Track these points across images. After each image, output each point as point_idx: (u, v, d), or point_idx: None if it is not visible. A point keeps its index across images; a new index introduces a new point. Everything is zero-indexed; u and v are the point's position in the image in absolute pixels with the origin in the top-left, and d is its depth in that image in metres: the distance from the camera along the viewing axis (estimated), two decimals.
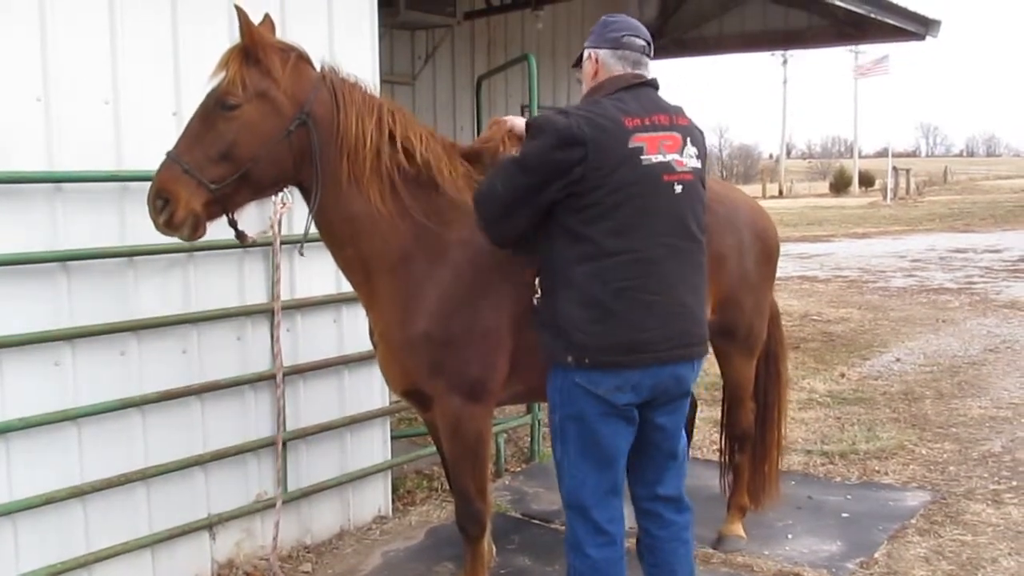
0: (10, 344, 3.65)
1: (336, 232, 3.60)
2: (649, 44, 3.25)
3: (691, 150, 3.14)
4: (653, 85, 3.23)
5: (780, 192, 56.32)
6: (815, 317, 11.74)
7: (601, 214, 3.04)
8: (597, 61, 3.24)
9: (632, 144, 3.02)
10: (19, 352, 3.70)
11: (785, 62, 72.35)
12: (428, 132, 3.66)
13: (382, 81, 5.01)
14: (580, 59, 3.36)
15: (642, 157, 3.03)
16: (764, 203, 4.73)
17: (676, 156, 3.09)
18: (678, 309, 3.12)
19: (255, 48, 3.32)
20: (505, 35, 10.83)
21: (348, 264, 3.69)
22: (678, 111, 3.20)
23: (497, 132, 3.77)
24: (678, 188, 3.08)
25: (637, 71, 3.21)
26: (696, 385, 5.20)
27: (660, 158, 3.05)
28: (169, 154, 3.31)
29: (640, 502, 3.37)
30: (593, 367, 3.09)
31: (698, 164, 3.17)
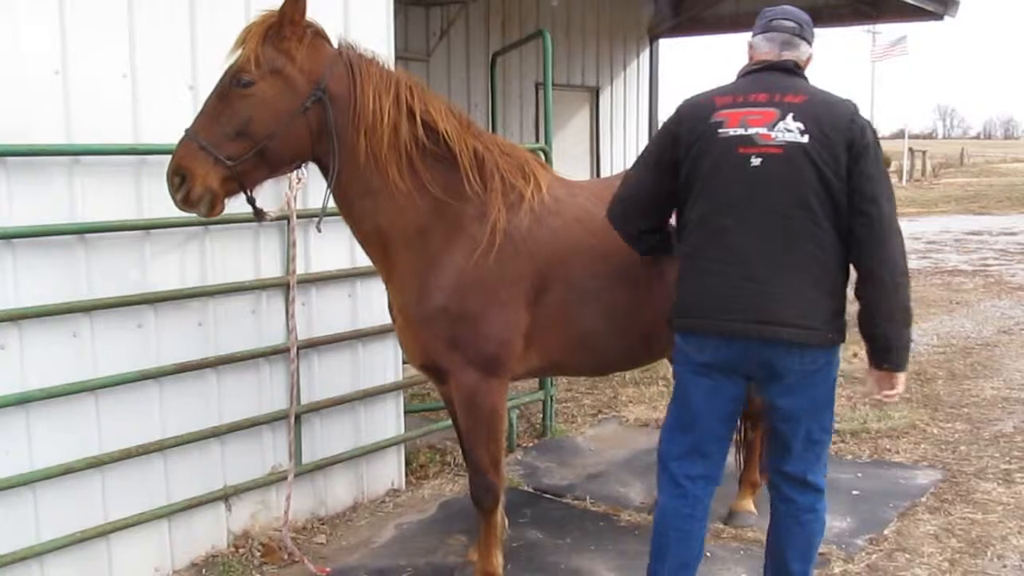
0: (29, 315, 3.69)
1: (355, 208, 3.63)
2: (801, 25, 3.30)
3: (791, 125, 3.08)
4: (782, 68, 3.24)
5: None
6: None
7: (687, 186, 3.26)
8: (752, 47, 3.36)
9: (713, 119, 3.17)
10: (38, 323, 3.74)
11: None
12: (447, 106, 3.67)
13: (396, 58, 5.01)
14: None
15: (719, 131, 3.15)
16: None
17: (761, 130, 3.10)
18: (746, 284, 3.10)
19: (274, 25, 3.33)
20: (520, 12, 10.78)
21: (367, 239, 3.72)
22: (795, 90, 3.17)
23: None
24: (755, 160, 3.09)
25: (785, 51, 3.27)
26: None
27: (739, 131, 3.12)
28: (187, 131, 3.34)
29: (769, 475, 3.47)
30: (675, 330, 3.35)
31: (800, 139, 3.06)
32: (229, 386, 4.43)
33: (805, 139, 3.07)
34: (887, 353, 3.23)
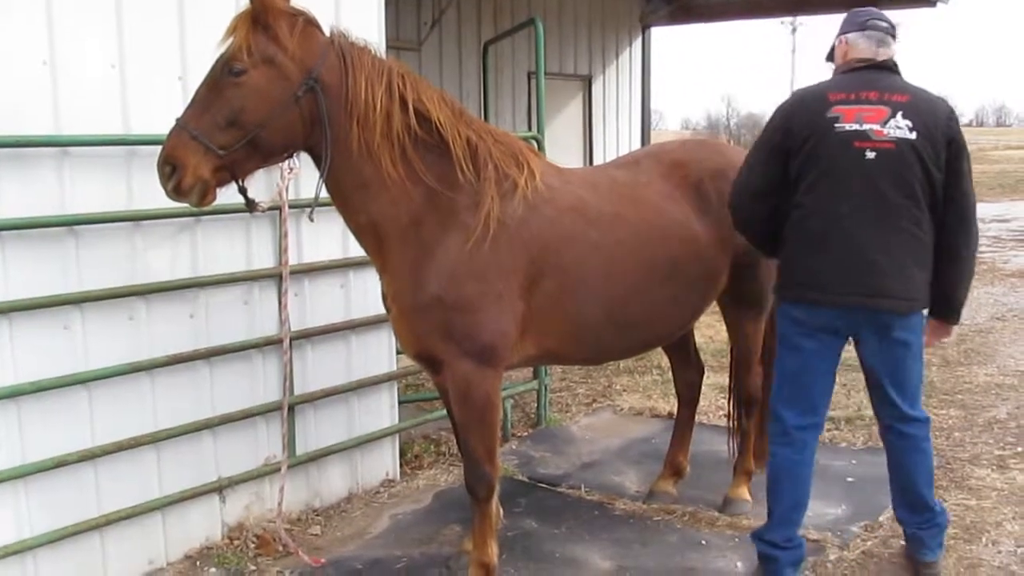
0: (20, 308, 3.67)
1: (348, 198, 3.61)
2: (892, 25, 3.74)
3: (901, 122, 3.52)
4: (884, 67, 3.67)
5: None
6: None
7: (801, 174, 3.65)
8: (847, 43, 3.77)
9: (830, 114, 3.57)
10: (29, 316, 3.72)
11: (794, 30, 71.70)
12: (439, 95, 3.65)
13: (388, 47, 4.98)
14: (832, 54, 3.88)
15: (836, 125, 3.56)
16: None
17: (875, 126, 3.53)
18: (859, 262, 3.56)
19: (263, 13, 3.31)
20: (512, 0, 10.75)
21: (360, 229, 3.70)
22: (900, 89, 3.60)
23: None
24: (870, 154, 3.52)
25: (881, 49, 3.69)
26: (702, 351, 5.24)
27: (855, 127, 3.54)
28: (178, 121, 3.32)
29: (879, 419, 3.96)
30: (787, 300, 3.79)
31: (909, 135, 3.51)
32: (222, 378, 4.41)
33: (913, 136, 3.52)
34: (953, 311, 3.81)
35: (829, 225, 3.60)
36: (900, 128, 3.53)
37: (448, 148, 3.60)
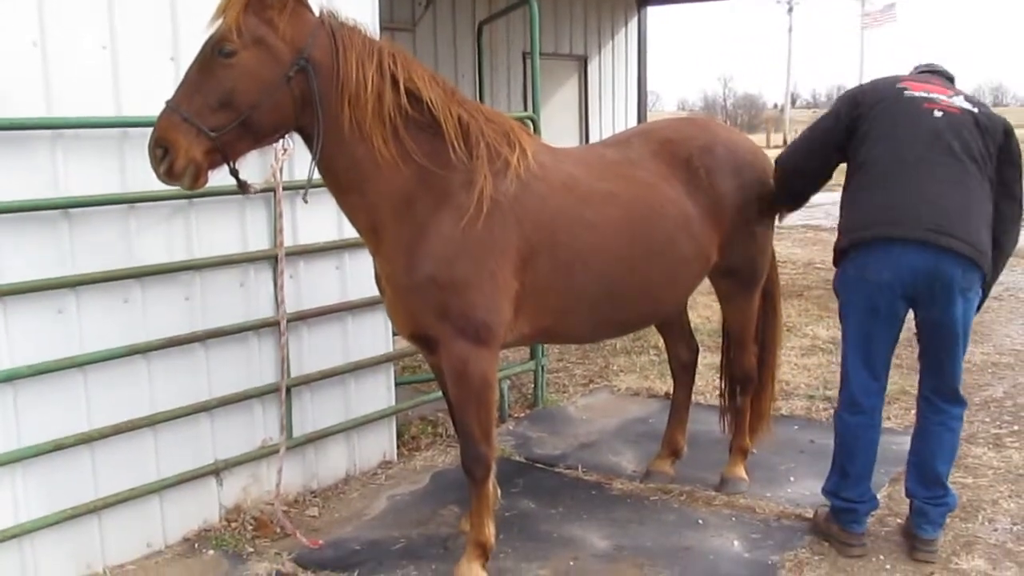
0: (14, 292, 3.65)
1: (340, 178, 3.60)
2: (952, 76, 4.14)
3: (963, 101, 3.87)
4: (945, 74, 4.10)
5: (784, 142, 55.70)
6: (819, 265, 11.73)
7: (868, 132, 3.89)
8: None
9: (899, 86, 3.92)
10: (23, 299, 3.71)
11: (791, 10, 71.24)
12: (430, 74, 3.64)
13: (382, 28, 4.95)
14: None
15: (905, 92, 3.89)
16: (768, 153, 4.75)
17: (942, 96, 3.86)
18: (926, 203, 3.69)
19: None
20: None
21: (353, 210, 3.69)
22: (956, 89, 3.99)
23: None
24: (938, 113, 3.81)
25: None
26: (698, 331, 5.23)
27: (923, 94, 3.87)
28: (168, 103, 3.30)
29: (924, 394, 4.03)
30: (851, 247, 3.86)
31: (971, 108, 3.84)
32: (218, 360, 4.41)
33: (976, 110, 3.86)
34: (986, 290, 3.94)
35: (893, 169, 3.77)
36: (961, 102, 3.85)
37: (440, 127, 3.58)
